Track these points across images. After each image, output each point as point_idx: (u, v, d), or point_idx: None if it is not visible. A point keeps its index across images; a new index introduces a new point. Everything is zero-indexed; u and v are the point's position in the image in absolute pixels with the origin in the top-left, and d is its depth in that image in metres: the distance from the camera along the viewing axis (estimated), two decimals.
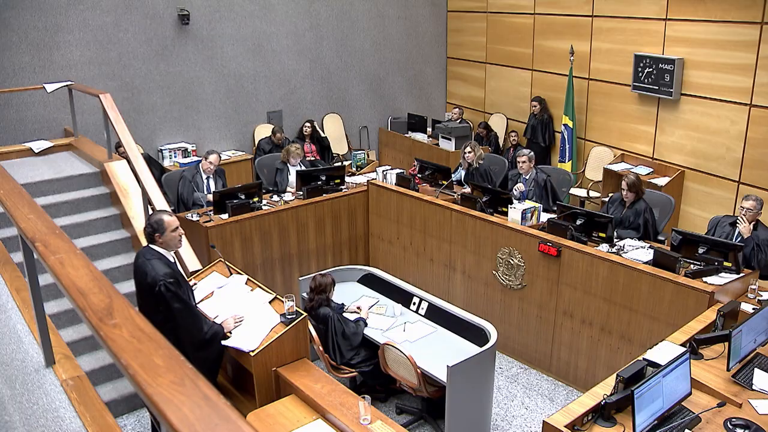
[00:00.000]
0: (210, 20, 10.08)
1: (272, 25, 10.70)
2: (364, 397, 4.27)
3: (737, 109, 8.32)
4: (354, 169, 9.68)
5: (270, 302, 5.16)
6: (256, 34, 10.58)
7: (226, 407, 1.55)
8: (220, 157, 8.26)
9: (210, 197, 7.67)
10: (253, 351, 4.64)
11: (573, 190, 10.05)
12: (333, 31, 11.42)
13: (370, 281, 6.87)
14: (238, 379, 5.24)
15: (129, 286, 5.88)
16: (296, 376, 4.69)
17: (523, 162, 7.90)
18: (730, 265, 5.81)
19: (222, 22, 10.19)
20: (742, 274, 5.76)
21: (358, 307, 6.23)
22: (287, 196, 7.94)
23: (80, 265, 2.45)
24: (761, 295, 5.66)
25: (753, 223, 6.27)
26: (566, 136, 10.24)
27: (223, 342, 4.77)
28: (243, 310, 5.05)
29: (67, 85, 8.03)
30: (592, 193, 10.00)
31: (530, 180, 7.89)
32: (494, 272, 6.90)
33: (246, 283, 5.43)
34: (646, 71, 9.21)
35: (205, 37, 10.10)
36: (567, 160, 10.29)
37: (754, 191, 7.72)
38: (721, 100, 8.50)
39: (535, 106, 10.80)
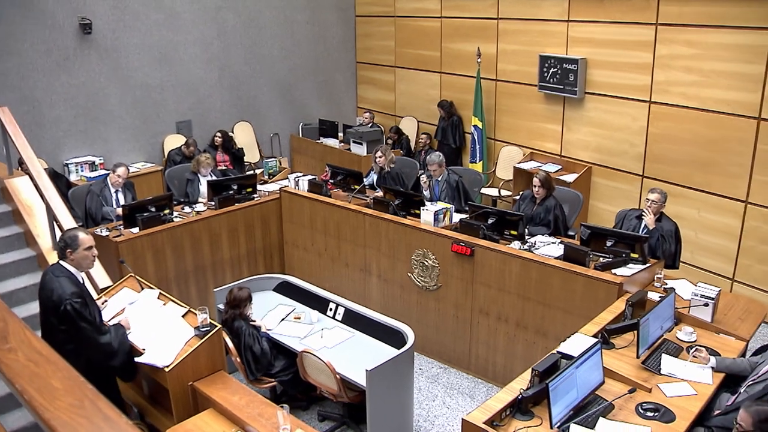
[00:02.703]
0: (114, 29, 9.79)
1: (178, 33, 10.49)
2: (282, 407, 4.22)
3: (638, 106, 8.59)
4: (266, 177, 9.57)
5: (183, 316, 5.05)
6: (162, 43, 10.35)
7: (127, 427, 1.50)
8: (128, 169, 8.08)
9: (119, 211, 7.47)
10: (167, 366, 4.54)
11: (485, 190, 10.17)
12: (241, 39, 11.26)
13: (286, 289, 6.81)
14: (155, 395, 5.11)
15: (37, 307, 5.65)
16: (213, 389, 4.61)
17: (434, 170, 7.97)
18: (637, 256, 5.99)
19: (126, 31, 9.92)
20: (648, 265, 5.95)
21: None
22: (199, 207, 7.80)
23: None
24: (666, 284, 5.86)
25: (657, 215, 6.48)
26: (476, 137, 10.37)
27: (137, 359, 4.65)
28: (156, 325, 4.93)
29: None
30: (504, 192, 10.15)
31: (442, 182, 7.95)
32: (409, 274, 6.92)
33: (158, 298, 5.31)
34: (551, 71, 9.41)
35: (109, 47, 9.81)
36: (478, 161, 10.42)
37: (657, 184, 7.98)
38: (622, 98, 8.76)
39: (440, 111, 10.93)
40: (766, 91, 7.29)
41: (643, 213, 6.53)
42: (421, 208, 6.95)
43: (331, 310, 6.34)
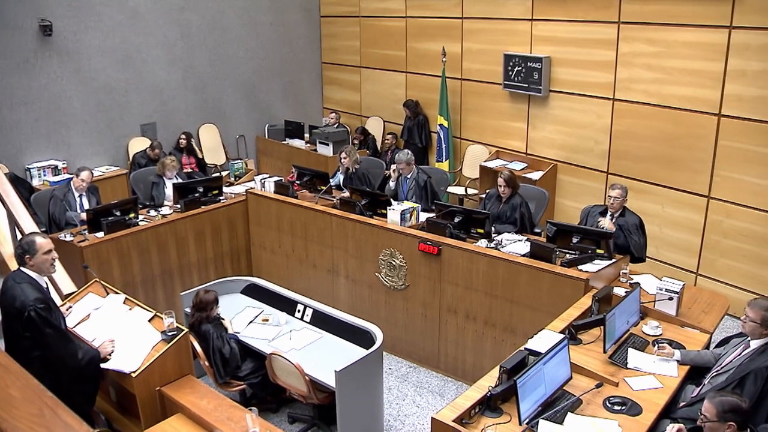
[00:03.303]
0: (75, 31, 9.65)
1: (141, 35, 10.37)
2: (251, 410, 4.20)
3: (602, 103, 8.66)
4: (232, 179, 9.52)
5: (150, 320, 5.01)
6: (125, 45, 10.22)
7: None
8: (92, 173, 7.95)
9: (83, 216, 7.33)
10: (134, 372, 4.50)
11: (451, 189, 10.21)
12: (205, 40, 11.17)
13: (253, 291, 6.76)
14: (122, 401, 5.06)
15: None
16: (181, 394, 4.58)
17: (402, 168, 8.01)
18: (602, 252, 6.05)
19: (88, 33, 9.78)
20: (614, 260, 6.01)
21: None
22: (165, 210, 7.73)
23: None
24: (632, 279, 5.92)
25: (620, 210, 6.56)
26: (442, 136, 10.39)
27: (103, 365, 4.60)
28: (121, 330, 4.87)
29: None
30: (470, 191, 10.18)
31: (411, 180, 7.98)
32: (377, 274, 6.92)
33: (124, 303, 5.26)
34: (515, 70, 9.46)
35: (71, 49, 9.66)
36: (444, 160, 10.44)
37: (622, 181, 8.06)
38: (586, 96, 8.83)
39: (405, 111, 10.96)
40: (725, 88, 7.41)
41: (598, 222, 6.62)
42: (388, 207, 6.96)
43: (299, 311, 6.30)
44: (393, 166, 8.12)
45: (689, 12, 7.55)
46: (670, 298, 5.34)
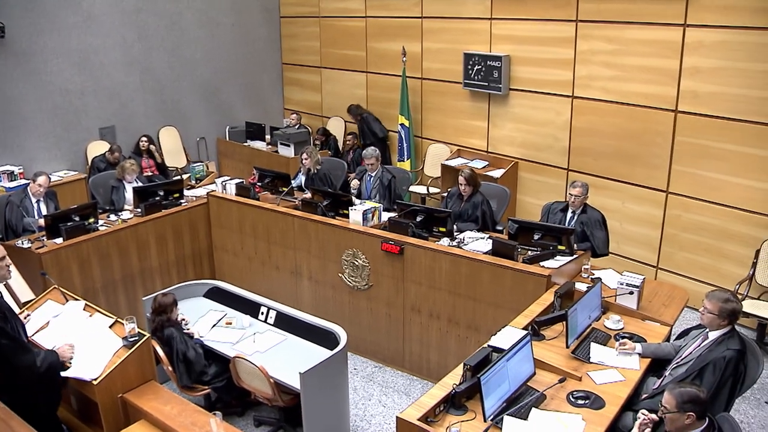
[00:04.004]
0: (29, 33, 9.47)
1: (98, 36, 10.21)
2: (215, 414, 4.18)
3: (561, 101, 8.74)
4: (193, 181, 9.42)
5: (111, 326, 4.95)
6: (81, 47, 10.06)
7: None
8: (50, 178, 7.86)
9: (41, 221, 7.24)
10: (95, 379, 4.43)
11: (413, 188, 10.22)
12: (163, 41, 11.05)
13: (216, 295, 6.70)
14: (84, 410, 4.98)
15: None
16: (144, 400, 4.53)
17: (371, 164, 8.02)
18: (564, 248, 6.09)
19: (43, 35, 9.61)
20: (575, 256, 6.06)
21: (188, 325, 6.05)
22: (125, 215, 7.63)
23: None
24: (593, 274, 5.98)
25: (581, 207, 6.62)
26: (403, 136, 10.40)
27: (63, 373, 4.51)
28: (82, 337, 4.80)
29: None
30: (432, 189, 10.21)
31: (375, 178, 8.00)
32: (340, 275, 6.90)
33: (84, 309, 5.18)
34: (475, 68, 9.50)
35: (25, 51, 9.47)
36: (406, 159, 10.46)
37: (582, 177, 8.14)
38: (546, 93, 8.90)
39: (352, 119, 11.10)
40: (681, 84, 7.52)
41: (566, 212, 6.70)
42: (350, 208, 6.95)
43: (262, 314, 6.26)
44: (359, 168, 8.10)
45: (645, 10, 7.65)
46: (631, 293, 5.39)
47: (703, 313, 4.52)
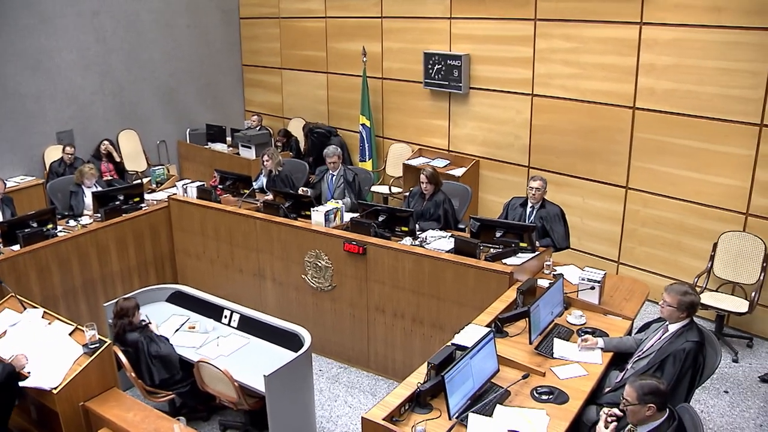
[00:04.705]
0: None
1: (53, 39, 10.05)
2: (178, 419, 4.14)
3: (521, 99, 8.80)
4: (153, 185, 9.33)
5: (70, 334, 4.89)
6: (36, 50, 9.88)
7: None
8: (5, 183, 7.76)
9: None
10: (55, 388, 4.37)
11: (375, 188, 10.23)
12: (121, 44, 10.91)
13: (179, 299, 6.63)
14: (44, 420, 4.92)
15: None
16: (106, 408, 4.49)
17: (333, 162, 8.01)
18: (525, 245, 6.13)
19: None
20: (537, 253, 6.10)
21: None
22: (84, 220, 7.52)
23: None
24: (555, 270, 6.03)
25: (540, 201, 6.70)
26: (365, 136, 10.40)
27: (22, 383, 4.45)
28: (41, 346, 4.73)
29: None
30: (395, 189, 10.22)
31: (338, 176, 8.00)
32: (303, 276, 6.87)
33: (42, 317, 5.13)
34: (435, 68, 9.53)
35: None
36: (367, 159, 10.46)
37: (542, 174, 8.14)
38: (506, 92, 8.96)
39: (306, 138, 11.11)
40: (638, 81, 7.62)
41: (526, 207, 6.77)
42: (312, 209, 6.93)
43: (226, 317, 6.21)
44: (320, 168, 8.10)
45: (602, 9, 7.74)
46: (592, 288, 5.44)
47: (663, 306, 4.59)
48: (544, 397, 4.32)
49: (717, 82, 7.03)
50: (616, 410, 3.88)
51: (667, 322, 4.63)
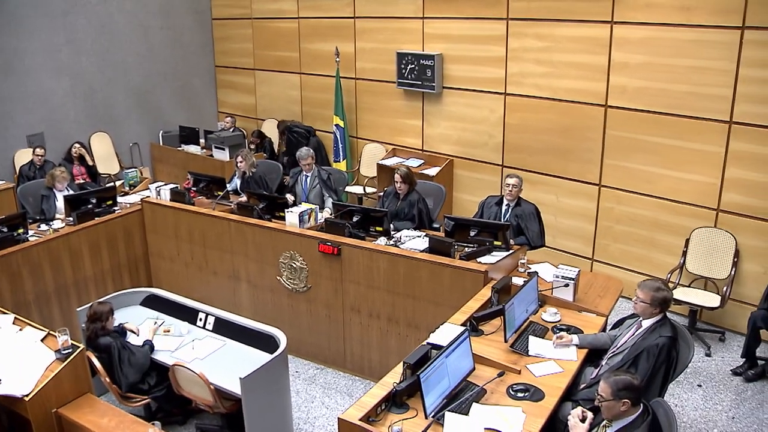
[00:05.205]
0: None
1: (22, 40, 9.92)
2: (154, 424, 4.11)
3: (494, 98, 8.83)
4: (126, 188, 9.25)
5: (42, 340, 4.83)
6: (4, 51, 9.73)
7: None
8: None
9: None
10: (27, 395, 4.31)
11: (350, 188, 10.23)
12: (92, 45, 10.79)
13: (153, 302, 6.56)
14: (15, 428, 4.83)
15: None
16: (80, 414, 4.44)
17: (308, 164, 8.01)
18: (500, 243, 6.16)
19: None
20: (511, 251, 6.13)
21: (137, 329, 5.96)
22: (56, 224, 7.43)
23: None
24: (530, 268, 6.05)
25: (515, 199, 6.73)
26: (338, 136, 10.39)
27: None
28: (12, 352, 4.67)
29: None
30: (369, 189, 10.22)
31: (312, 178, 8.00)
32: (278, 277, 6.85)
33: (13, 323, 5.05)
34: (408, 68, 9.54)
35: None
36: (342, 159, 10.45)
37: (516, 173, 8.18)
38: (479, 91, 8.99)
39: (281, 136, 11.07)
40: (610, 80, 7.68)
41: (501, 205, 6.80)
42: (286, 210, 6.91)
43: (201, 320, 6.17)
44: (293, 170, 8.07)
45: (574, 8, 7.79)
46: (567, 285, 5.47)
47: (636, 302, 4.63)
48: (520, 394, 4.34)
49: (688, 80, 7.10)
50: (578, 412, 3.91)
51: (641, 318, 4.67)
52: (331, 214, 7.12)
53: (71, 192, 8.12)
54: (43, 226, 7.41)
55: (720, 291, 7.08)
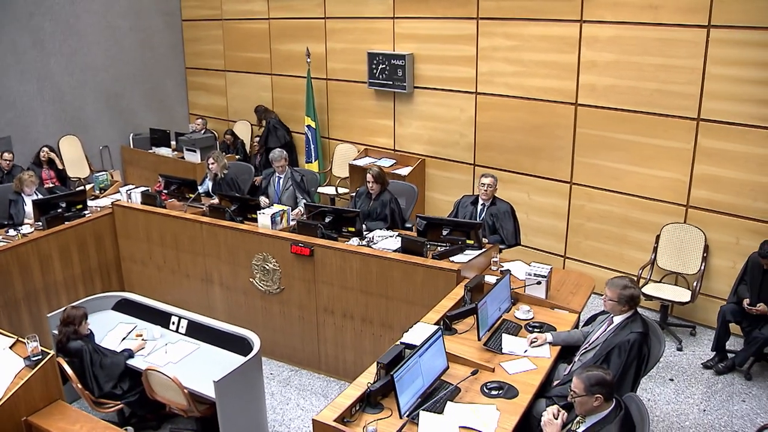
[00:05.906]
0: None
1: None
2: (126, 429, 4.07)
3: (465, 97, 8.86)
4: (97, 192, 9.15)
5: (11, 347, 4.76)
6: None
7: None
8: None
9: None
10: None
11: (322, 189, 10.22)
12: (60, 47, 10.65)
13: (125, 307, 6.50)
14: None
15: None
16: (51, 422, 4.38)
17: (281, 165, 8.00)
18: (472, 242, 6.17)
19: None
20: (483, 250, 6.15)
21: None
22: (25, 229, 7.33)
23: None
24: (503, 266, 6.08)
25: (491, 199, 6.76)
26: (310, 137, 10.37)
27: None
28: None
29: None
30: (341, 190, 10.22)
31: (285, 179, 7.98)
32: (251, 280, 6.82)
33: None
34: (379, 68, 9.54)
35: None
36: (313, 160, 10.44)
37: (488, 171, 8.25)
38: (450, 90, 9.02)
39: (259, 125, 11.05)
40: (580, 78, 7.73)
41: (476, 204, 6.83)
42: (258, 212, 6.89)
43: (173, 323, 6.11)
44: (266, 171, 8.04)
45: (543, 7, 7.83)
46: (539, 282, 5.51)
47: (605, 300, 4.69)
48: (494, 392, 4.35)
49: (656, 78, 7.17)
50: (555, 411, 3.94)
51: (612, 315, 4.71)
52: (303, 215, 7.11)
53: (40, 196, 8.01)
54: (12, 232, 7.30)
55: (690, 286, 7.16)
